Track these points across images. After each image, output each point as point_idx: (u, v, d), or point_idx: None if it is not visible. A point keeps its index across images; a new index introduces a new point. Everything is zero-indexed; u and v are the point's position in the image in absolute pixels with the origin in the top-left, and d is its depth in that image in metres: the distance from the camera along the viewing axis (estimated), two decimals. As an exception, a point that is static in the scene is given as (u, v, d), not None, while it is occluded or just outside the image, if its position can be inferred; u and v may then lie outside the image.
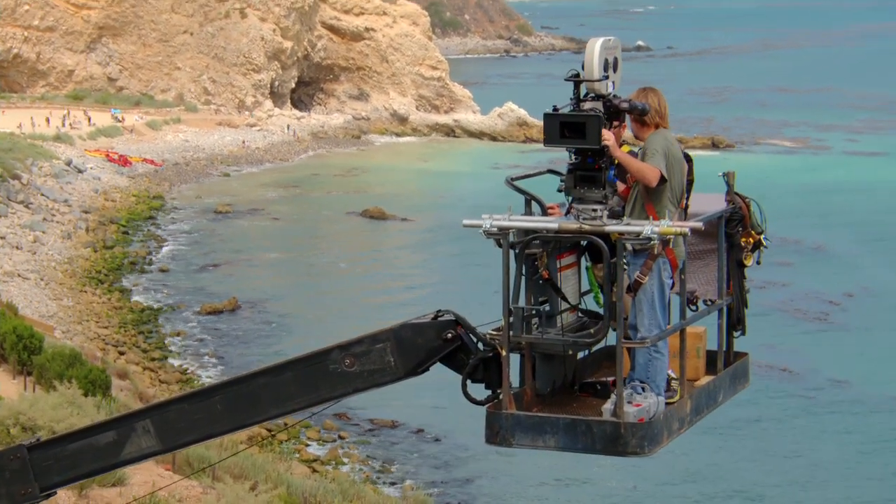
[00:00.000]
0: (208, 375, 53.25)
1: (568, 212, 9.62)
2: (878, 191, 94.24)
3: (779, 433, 46.44)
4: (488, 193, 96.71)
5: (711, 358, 10.66)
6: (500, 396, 9.55)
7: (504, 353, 9.41)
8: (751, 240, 10.72)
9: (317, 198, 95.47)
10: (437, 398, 42.31)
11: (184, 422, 9.62)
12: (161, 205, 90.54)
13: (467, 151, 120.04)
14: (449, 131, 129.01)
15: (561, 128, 9.29)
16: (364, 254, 79.10)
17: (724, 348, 10.79)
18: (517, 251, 9.46)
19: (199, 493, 23.63)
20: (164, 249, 77.87)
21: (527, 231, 9.51)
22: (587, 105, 9.45)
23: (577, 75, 9.52)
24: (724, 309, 10.72)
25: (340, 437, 45.55)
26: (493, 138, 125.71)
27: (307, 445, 43.71)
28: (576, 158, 9.46)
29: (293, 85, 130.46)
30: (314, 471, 39.34)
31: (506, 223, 9.46)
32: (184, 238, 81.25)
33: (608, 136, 9.37)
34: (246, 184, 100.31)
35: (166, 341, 58.54)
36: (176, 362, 55.18)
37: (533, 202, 10.02)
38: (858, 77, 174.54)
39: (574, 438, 9.36)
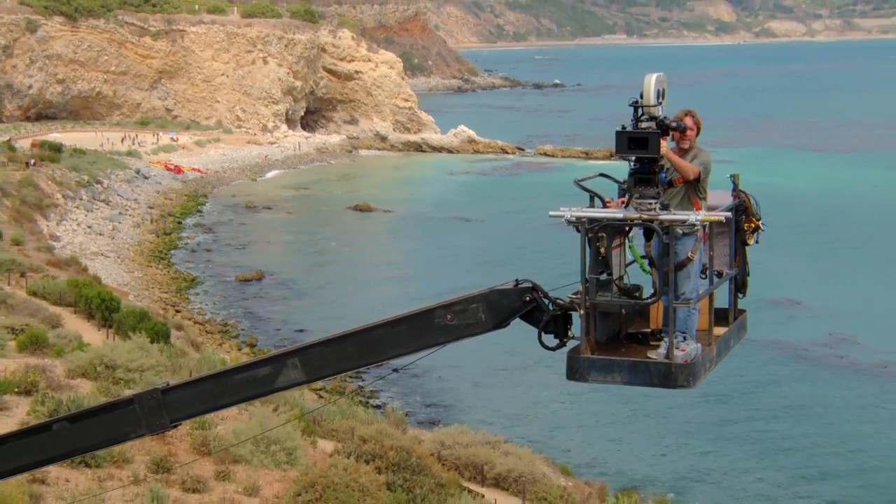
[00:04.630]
0: (242, 327, 53.12)
1: (627, 204, 9.23)
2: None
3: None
4: (446, 191, 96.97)
5: (718, 314, 10.39)
6: (567, 344, 9.18)
7: (582, 312, 9.04)
8: (752, 225, 10.51)
9: (320, 196, 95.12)
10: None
11: (322, 360, 9.33)
12: (205, 202, 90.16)
13: (431, 161, 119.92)
14: (417, 147, 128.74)
15: (628, 141, 9.02)
16: (355, 236, 78.91)
17: (732, 307, 10.56)
18: (590, 235, 9.09)
19: (235, 413, 23.57)
20: (208, 234, 77.50)
21: (598, 220, 9.09)
22: (643, 125, 9.13)
23: (637, 102, 9.22)
24: (733, 278, 10.53)
25: (339, 372, 45.27)
26: (450, 152, 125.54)
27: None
28: (636, 164, 9.15)
29: (302, 113, 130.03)
30: (320, 397, 39.29)
31: (582, 213, 9.12)
32: (222, 226, 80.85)
33: (664, 145, 9.17)
34: (267, 186, 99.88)
35: (211, 302, 58.32)
36: (218, 318, 54.95)
37: (596, 197, 9.56)
38: (718, 105, 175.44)
39: (636, 375, 9.08)
